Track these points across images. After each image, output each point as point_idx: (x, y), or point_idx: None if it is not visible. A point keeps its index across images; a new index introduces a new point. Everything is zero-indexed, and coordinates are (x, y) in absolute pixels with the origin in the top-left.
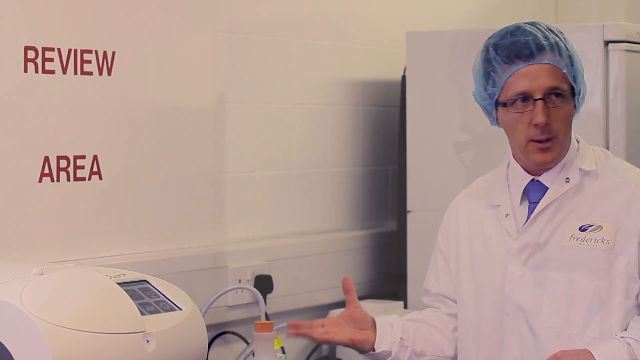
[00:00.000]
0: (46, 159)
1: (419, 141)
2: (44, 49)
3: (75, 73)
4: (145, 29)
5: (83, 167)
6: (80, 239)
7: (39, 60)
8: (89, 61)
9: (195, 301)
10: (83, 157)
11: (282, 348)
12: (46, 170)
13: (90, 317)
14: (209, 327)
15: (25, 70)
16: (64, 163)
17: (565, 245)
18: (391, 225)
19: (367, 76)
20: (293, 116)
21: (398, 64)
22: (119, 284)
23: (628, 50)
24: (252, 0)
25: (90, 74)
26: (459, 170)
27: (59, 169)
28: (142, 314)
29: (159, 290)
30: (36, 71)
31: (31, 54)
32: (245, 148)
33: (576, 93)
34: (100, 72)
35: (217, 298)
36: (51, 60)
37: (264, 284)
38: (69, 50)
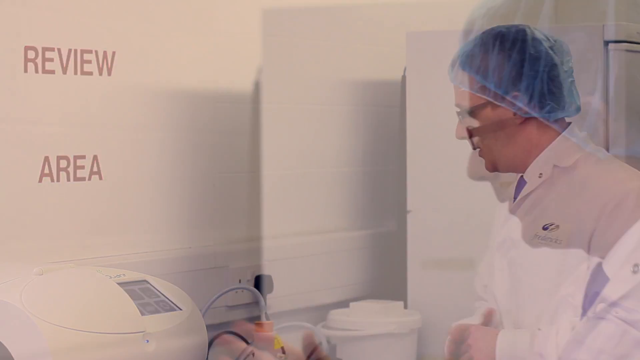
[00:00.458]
0: (46, 159)
1: (419, 141)
2: (44, 49)
3: (75, 73)
4: (145, 29)
5: (83, 167)
6: (80, 239)
7: (39, 60)
8: (89, 61)
9: (195, 301)
10: (83, 157)
11: (282, 348)
12: (46, 171)
13: (90, 317)
14: (209, 327)
15: (25, 70)
16: (64, 163)
17: (529, 242)
18: (391, 225)
19: (367, 76)
20: (293, 116)
21: (398, 64)
22: (119, 284)
23: (628, 50)
24: (252, 0)
25: (90, 74)
26: (459, 170)
27: (59, 169)
28: (142, 314)
29: (159, 291)
30: (36, 71)
31: (31, 54)
32: (245, 148)
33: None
34: (100, 72)
35: (217, 298)
36: (51, 60)
37: (264, 284)
38: (69, 50)
